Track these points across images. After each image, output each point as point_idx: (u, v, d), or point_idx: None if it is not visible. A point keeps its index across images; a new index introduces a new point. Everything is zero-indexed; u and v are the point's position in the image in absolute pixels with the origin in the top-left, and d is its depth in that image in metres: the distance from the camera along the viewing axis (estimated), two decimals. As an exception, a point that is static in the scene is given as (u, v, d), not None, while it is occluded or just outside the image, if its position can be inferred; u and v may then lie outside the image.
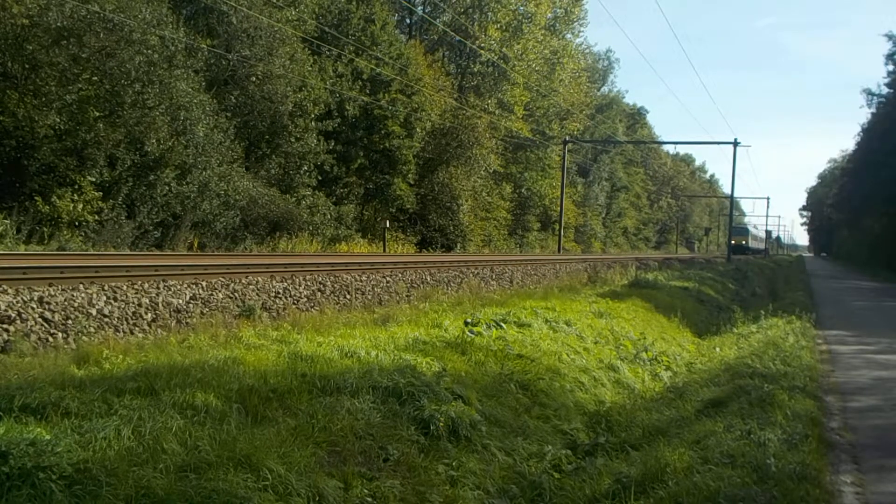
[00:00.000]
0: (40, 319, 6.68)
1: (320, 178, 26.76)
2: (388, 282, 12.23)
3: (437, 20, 38.63)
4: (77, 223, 16.35)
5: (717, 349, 11.90)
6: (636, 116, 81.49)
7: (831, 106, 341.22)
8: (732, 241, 70.08)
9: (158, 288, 8.30)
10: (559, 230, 44.11)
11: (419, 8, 39.41)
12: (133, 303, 7.70)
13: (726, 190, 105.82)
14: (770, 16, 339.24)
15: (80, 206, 16.32)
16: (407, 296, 11.84)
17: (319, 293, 10.40)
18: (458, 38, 38.03)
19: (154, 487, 3.61)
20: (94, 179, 17.03)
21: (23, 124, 16.22)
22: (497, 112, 39.09)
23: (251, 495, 3.81)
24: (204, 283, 8.95)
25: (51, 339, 6.52)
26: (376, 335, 7.62)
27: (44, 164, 16.53)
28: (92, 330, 6.87)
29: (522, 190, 44.49)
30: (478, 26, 38.74)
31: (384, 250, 27.12)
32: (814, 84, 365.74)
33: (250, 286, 9.45)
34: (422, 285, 12.83)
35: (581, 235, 57.81)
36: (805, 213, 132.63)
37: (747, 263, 42.88)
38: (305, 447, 4.55)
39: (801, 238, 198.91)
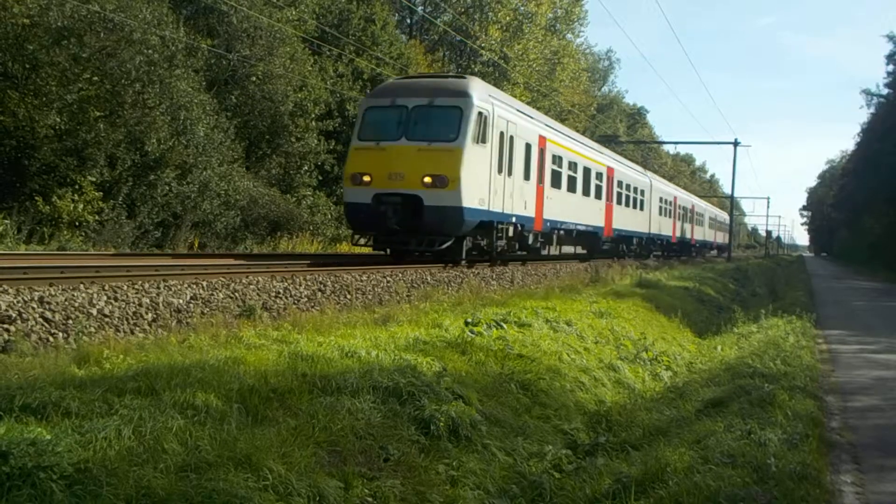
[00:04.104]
0: (41, 319, 6.68)
1: (321, 177, 26.75)
2: (388, 282, 12.22)
3: (438, 20, 38.64)
4: (77, 223, 16.34)
5: (718, 349, 11.90)
6: (636, 116, 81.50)
7: (831, 106, 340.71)
8: None
9: (159, 288, 8.30)
10: (559, 230, 43.72)
11: (420, 8, 39.42)
12: (133, 303, 7.70)
13: (727, 190, 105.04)
14: (770, 16, 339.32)
15: (81, 206, 16.32)
16: (407, 296, 11.82)
17: (320, 293, 10.40)
18: (458, 37, 38.03)
19: (154, 487, 3.61)
20: (94, 179, 17.03)
21: (23, 124, 16.22)
22: (497, 112, 38.98)
23: (251, 495, 3.81)
24: (204, 283, 8.95)
25: (51, 338, 6.52)
26: (377, 335, 7.62)
27: (44, 164, 16.53)
28: (92, 330, 6.87)
29: (523, 190, 44.38)
30: (478, 26, 38.74)
31: (385, 252, 27.05)
32: (814, 84, 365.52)
33: (251, 286, 9.44)
34: (422, 285, 12.81)
35: (581, 235, 57.74)
36: (805, 213, 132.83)
37: (748, 263, 42.98)
38: (306, 447, 4.55)
39: (802, 238, 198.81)
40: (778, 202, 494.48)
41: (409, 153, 14.08)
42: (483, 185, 14.84)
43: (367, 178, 14.35)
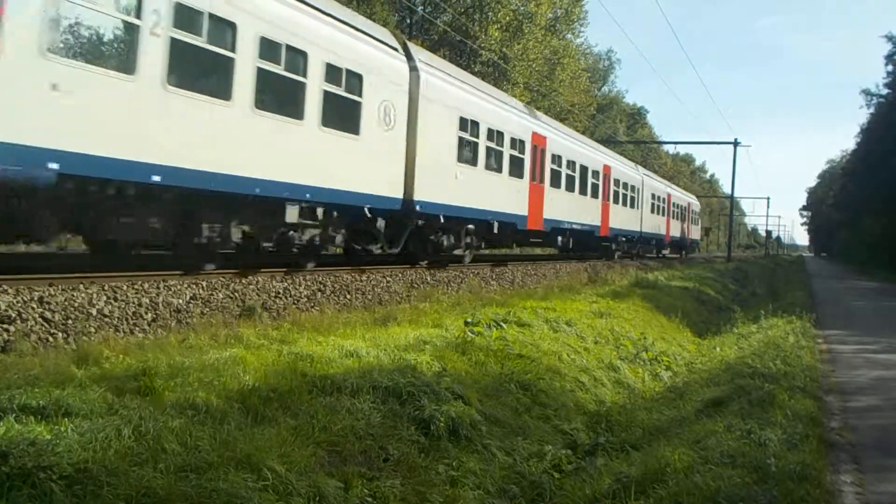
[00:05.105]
0: (40, 319, 6.68)
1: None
2: (388, 282, 12.22)
3: (438, 20, 38.65)
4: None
5: (718, 349, 11.90)
6: (636, 116, 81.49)
7: (832, 106, 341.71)
8: None
9: (158, 288, 8.29)
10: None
11: (419, 8, 39.43)
12: (133, 303, 7.69)
13: (726, 190, 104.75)
14: (770, 16, 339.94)
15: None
16: (407, 296, 11.83)
17: (320, 293, 10.39)
18: (458, 37, 38.03)
19: (154, 487, 3.61)
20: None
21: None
22: (497, 112, 38.97)
23: (251, 495, 3.81)
24: (204, 283, 8.95)
25: (51, 338, 6.52)
26: (376, 335, 7.63)
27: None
28: (92, 330, 6.87)
29: (522, 190, 44.30)
30: (478, 26, 38.74)
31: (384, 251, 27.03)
32: (814, 84, 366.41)
33: (250, 286, 9.44)
34: (422, 285, 12.82)
35: (581, 235, 57.45)
36: (805, 213, 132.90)
37: (748, 263, 42.92)
38: (306, 447, 4.55)
39: (802, 238, 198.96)
40: (778, 202, 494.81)
41: None
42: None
43: None
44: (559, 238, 21.91)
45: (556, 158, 20.54)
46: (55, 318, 6.78)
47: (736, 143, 42.92)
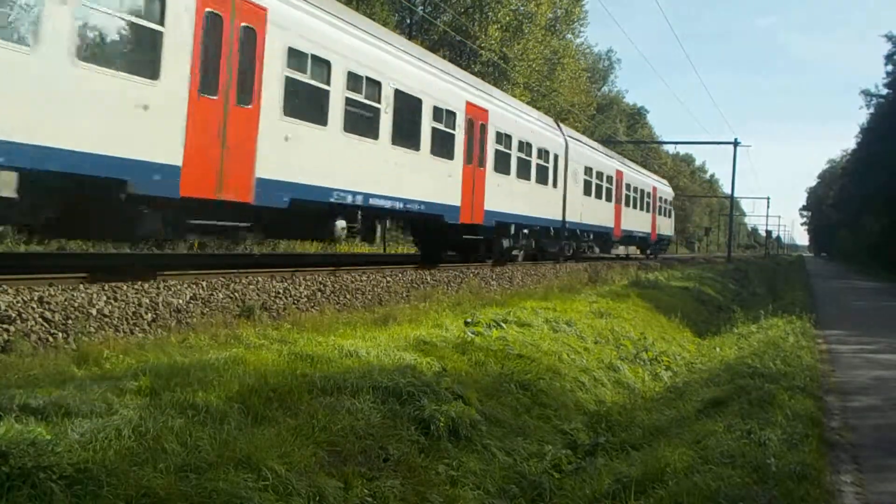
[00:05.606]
0: (40, 319, 6.68)
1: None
2: (388, 282, 12.22)
3: (438, 20, 38.66)
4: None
5: (718, 349, 11.90)
6: (636, 116, 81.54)
7: (832, 106, 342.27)
8: None
9: (158, 288, 8.30)
10: (558, 230, 42.54)
11: (420, 8, 39.44)
12: (133, 303, 7.69)
13: (726, 190, 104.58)
14: (770, 16, 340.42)
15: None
16: (407, 296, 11.83)
17: (319, 293, 10.39)
18: (458, 38, 38.04)
19: (154, 487, 3.61)
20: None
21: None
22: (497, 112, 38.93)
23: (251, 495, 3.81)
24: (204, 283, 8.95)
25: (51, 338, 6.52)
26: (376, 335, 7.63)
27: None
28: (92, 330, 6.87)
29: (522, 190, 44.26)
30: (478, 26, 38.75)
31: (384, 250, 27.08)
32: (814, 84, 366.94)
33: (250, 286, 9.44)
34: (422, 285, 12.81)
35: (581, 235, 57.32)
36: (805, 213, 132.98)
37: (748, 263, 42.91)
38: (306, 447, 4.55)
39: (802, 238, 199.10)
40: (778, 202, 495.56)
41: None
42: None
43: None
44: (354, 224, 12.47)
45: (320, 66, 10.84)
46: (55, 318, 6.78)
47: (736, 143, 42.96)
